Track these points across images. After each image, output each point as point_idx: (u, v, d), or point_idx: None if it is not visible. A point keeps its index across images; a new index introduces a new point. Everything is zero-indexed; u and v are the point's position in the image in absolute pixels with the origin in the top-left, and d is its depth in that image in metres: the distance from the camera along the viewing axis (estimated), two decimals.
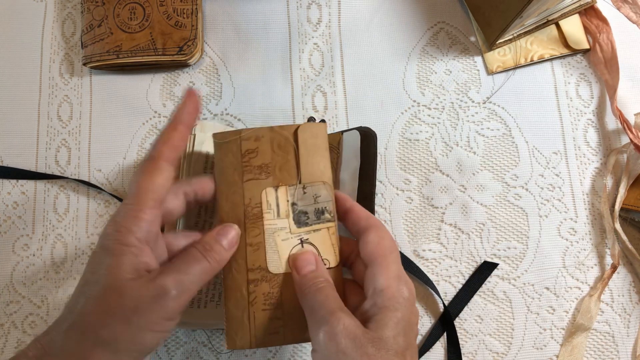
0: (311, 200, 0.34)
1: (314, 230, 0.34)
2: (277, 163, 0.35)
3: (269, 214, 0.34)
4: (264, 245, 0.34)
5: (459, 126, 0.50)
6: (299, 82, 0.51)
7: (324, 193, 0.34)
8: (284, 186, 0.34)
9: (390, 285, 0.31)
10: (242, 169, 0.34)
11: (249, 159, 0.35)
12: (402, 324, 0.30)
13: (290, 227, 0.34)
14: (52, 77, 0.51)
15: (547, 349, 0.45)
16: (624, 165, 0.49)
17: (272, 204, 0.34)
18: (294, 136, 0.35)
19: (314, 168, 0.35)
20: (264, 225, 0.34)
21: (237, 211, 0.34)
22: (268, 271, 0.33)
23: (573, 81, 0.51)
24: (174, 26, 0.49)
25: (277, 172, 0.34)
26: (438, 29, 0.52)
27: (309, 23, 0.52)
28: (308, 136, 0.35)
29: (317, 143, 0.35)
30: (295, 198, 0.34)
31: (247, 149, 0.35)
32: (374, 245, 0.32)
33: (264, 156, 0.35)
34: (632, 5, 0.48)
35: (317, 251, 0.34)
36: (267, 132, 0.35)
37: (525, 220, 0.48)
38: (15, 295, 0.47)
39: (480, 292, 0.46)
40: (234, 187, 0.34)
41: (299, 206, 0.34)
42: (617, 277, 0.47)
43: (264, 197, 0.34)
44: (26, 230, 0.48)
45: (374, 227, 0.33)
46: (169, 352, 0.45)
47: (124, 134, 0.50)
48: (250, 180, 0.34)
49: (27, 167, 0.49)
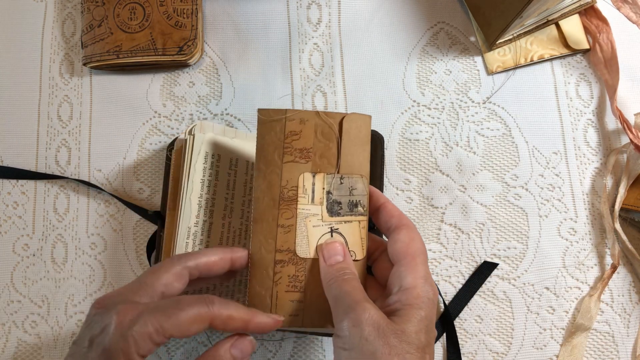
0: (347, 191, 0.35)
1: (345, 222, 0.35)
2: (319, 149, 0.35)
3: (303, 198, 0.34)
4: (295, 228, 0.34)
5: (459, 126, 0.50)
6: (299, 82, 0.51)
7: (360, 186, 0.35)
8: (321, 173, 0.35)
9: (417, 284, 0.31)
10: (283, 150, 0.35)
11: (291, 140, 0.35)
12: (425, 322, 0.30)
13: (323, 214, 0.35)
14: (52, 77, 0.51)
15: (547, 349, 0.46)
16: (624, 165, 0.49)
17: (308, 189, 0.35)
18: (339, 125, 0.35)
19: (354, 160, 0.35)
20: (297, 209, 0.34)
21: (273, 191, 0.34)
22: (296, 254, 0.34)
23: (573, 81, 0.51)
24: (174, 26, 0.49)
25: (317, 158, 0.35)
26: (438, 29, 0.52)
27: (309, 23, 0.52)
28: (352, 127, 0.35)
29: (360, 135, 0.35)
30: (332, 187, 0.35)
31: (291, 130, 0.35)
32: (404, 244, 0.33)
33: (306, 140, 0.35)
34: (632, 5, 0.48)
35: (346, 242, 0.34)
36: (313, 116, 0.35)
37: (525, 220, 0.48)
38: (15, 295, 0.47)
39: (480, 292, 0.46)
40: (272, 167, 0.35)
41: (334, 195, 0.35)
42: (617, 277, 0.47)
43: (301, 181, 0.35)
44: (26, 230, 0.48)
45: (405, 226, 0.34)
46: (169, 352, 0.45)
47: (124, 134, 0.50)
48: (289, 162, 0.35)
49: (27, 167, 0.49)
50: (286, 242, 0.34)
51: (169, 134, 0.50)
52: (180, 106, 0.50)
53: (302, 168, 0.35)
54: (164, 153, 0.49)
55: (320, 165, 0.35)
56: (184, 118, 0.50)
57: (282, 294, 0.34)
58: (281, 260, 0.34)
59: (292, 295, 0.34)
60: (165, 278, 0.31)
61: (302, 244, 0.34)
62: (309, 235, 0.34)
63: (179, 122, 0.50)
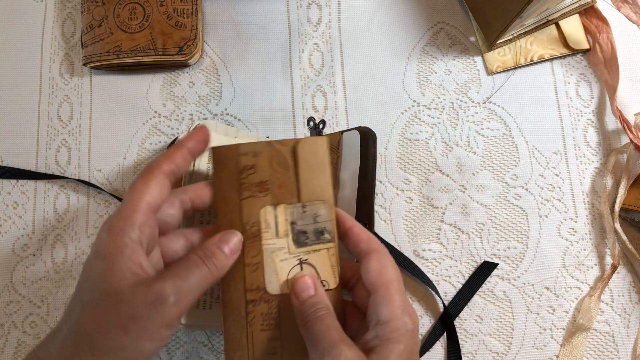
0: (311, 219, 0.33)
1: (314, 251, 0.33)
2: (276, 180, 0.33)
3: (267, 233, 0.33)
4: (262, 265, 0.33)
5: (459, 126, 0.50)
6: (299, 82, 0.51)
7: (324, 212, 0.33)
8: (282, 205, 0.33)
9: (394, 316, 0.30)
10: (240, 186, 0.33)
11: (247, 175, 0.33)
12: (405, 356, 0.29)
13: (289, 247, 0.33)
14: (52, 77, 0.51)
15: (547, 349, 0.45)
16: (624, 165, 0.49)
17: (271, 223, 0.33)
18: (292, 152, 0.34)
19: (314, 186, 0.33)
20: (262, 245, 0.33)
21: (235, 229, 0.33)
22: (266, 292, 0.33)
23: (573, 81, 0.51)
24: (174, 26, 0.49)
25: (275, 189, 0.33)
26: (438, 29, 0.52)
27: (309, 23, 0.52)
28: (308, 152, 0.33)
29: (318, 159, 0.34)
30: (295, 217, 0.33)
31: (245, 165, 0.34)
32: (376, 273, 0.31)
33: (262, 173, 0.33)
34: (632, 5, 0.48)
35: (317, 272, 0.33)
36: (266, 147, 0.34)
37: (525, 220, 0.48)
38: (15, 295, 0.47)
39: (480, 292, 0.46)
40: (231, 205, 0.33)
41: (298, 225, 0.33)
42: (617, 277, 0.47)
43: (262, 215, 0.33)
44: (26, 230, 0.48)
45: (375, 252, 0.32)
46: (169, 352, 0.45)
47: (124, 134, 0.50)
48: (248, 197, 0.33)
49: (27, 167, 0.49)
50: (255, 280, 0.33)
51: (169, 134, 0.50)
52: (180, 106, 0.50)
53: (262, 202, 0.33)
54: (163, 153, 0.49)
55: (280, 197, 0.33)
56: (184, 118, 0.50)
57: (257, 334, 0.33)
58: (253, 300, 0.33)
59: (268, 333, 0.33)
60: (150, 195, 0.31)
61: (272, 280, 0.33)
62: (278, 270, 0.33)
63: (179, 122, 0.50)
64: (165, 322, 0.28)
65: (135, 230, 0.29)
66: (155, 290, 0.28)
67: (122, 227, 0.28)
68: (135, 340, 0.27)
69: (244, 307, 0.33)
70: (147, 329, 0.27)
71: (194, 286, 0.29)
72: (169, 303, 0.27)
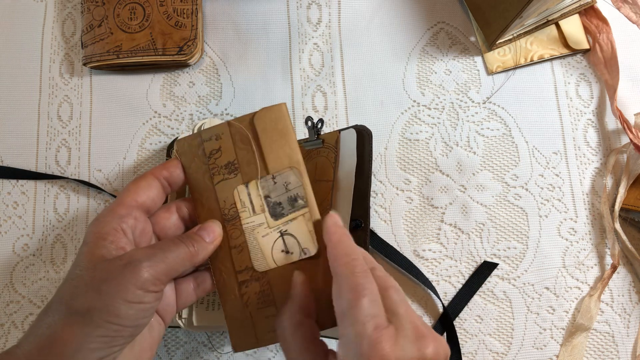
0: (283, 189, 0.33)
1: (291, 220, 0.33)
2: (243, 158, 0.34)
3: (244, 212, 0.33)
4: (246, 245, 0.33)
5: (459, 126, 0.50)
6: (299, 82, 0.51)
7: (293, 179, 0.33)
8: (253, 181, 0.34)
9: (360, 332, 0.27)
10: (211, 172, 0.34)
11: (214, 160, 0.34)
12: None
13: (268, 221, 0.33)
14: (52, 77, 0.51)
15: (547, 349, 0.45)
16: (624, 165, 0.49)
17: (246, 201, 0.33)
18: (251, 126, 0.34)
19: (279, 154, 0.33)
20: (242, 225, 0.33)
21: (215, 216, 0.34)
22: (255, 270, 0.33)
23: (573, 81, 0.51)
24: (174, 26, 0.49)
25: (244, 167, 0.34)
26: (438, 29, 0.52)
27: (309, 23, 0.52)
28: (266, 122, 0.33)
29: (278, 127, 0.33)
30: (267, 190, 0.33)
31: (211, 150, 0.34)
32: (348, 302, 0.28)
33: (228, 154, 0.34)
34: (632, 5, 0.48)
35: (297, 241, 0.33)
36: (226, 127, 0.34)
37: (525, 220, 0.48)
38: (15, 295, 0.47)
39: (480, 292, 0.46)
40: (206, 193, 0.34)
41: (272, 198, 0.33)
42: (617, 277, 0.47)
43: (237, 196, 0.33)
44: (26, 230, 0.48)
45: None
46: (169, 352, 0.45)
47: (124, 134, 0.50)
48: (220, 182, 0.34)
49: (27, 167, 0.49)
50: (243, 261, 0.33)
51: (169, 134, 0.50)
52: (180, 106, 0.50)
53: (233, 183, 0.34)
54: (164, 153, 0.49)
55: (250, 173, 0.34)
56: (184, 118, 0.50)
57: (255, 313, 0.33)
58: (244, 281, 0.33)
59: (266, 311, 0.33)
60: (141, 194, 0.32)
61: (258, 258, 0.33)
62: (262, 247, 0.33)
63: (179, 122, 0.50)
64: (138, 282, 0.28)
65: (117, 220, 0.30)
66: (128, 254, 0.29)
67: (105, 219, 0.30)
68: (109, 301, 0.27)
69: (238, 290, 0.33)
70: (119, 289, 0.28)
71: (170, 258, 0.30)
72: (141, 264, 0.28)
